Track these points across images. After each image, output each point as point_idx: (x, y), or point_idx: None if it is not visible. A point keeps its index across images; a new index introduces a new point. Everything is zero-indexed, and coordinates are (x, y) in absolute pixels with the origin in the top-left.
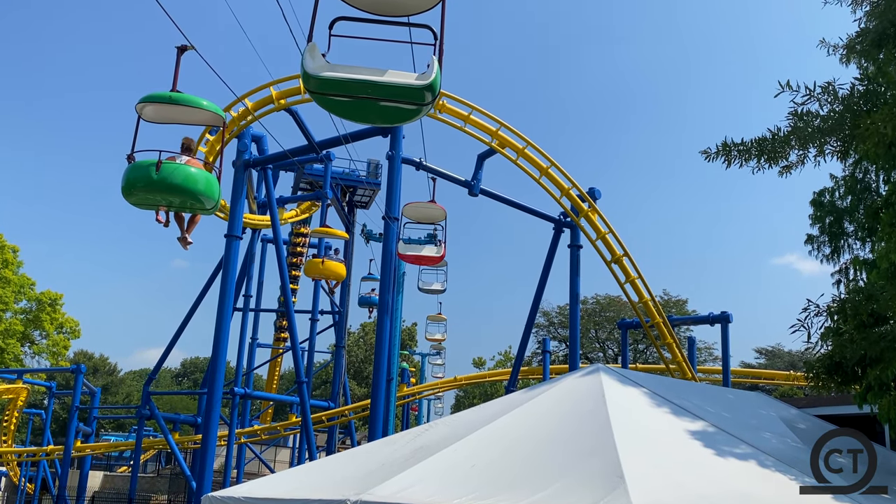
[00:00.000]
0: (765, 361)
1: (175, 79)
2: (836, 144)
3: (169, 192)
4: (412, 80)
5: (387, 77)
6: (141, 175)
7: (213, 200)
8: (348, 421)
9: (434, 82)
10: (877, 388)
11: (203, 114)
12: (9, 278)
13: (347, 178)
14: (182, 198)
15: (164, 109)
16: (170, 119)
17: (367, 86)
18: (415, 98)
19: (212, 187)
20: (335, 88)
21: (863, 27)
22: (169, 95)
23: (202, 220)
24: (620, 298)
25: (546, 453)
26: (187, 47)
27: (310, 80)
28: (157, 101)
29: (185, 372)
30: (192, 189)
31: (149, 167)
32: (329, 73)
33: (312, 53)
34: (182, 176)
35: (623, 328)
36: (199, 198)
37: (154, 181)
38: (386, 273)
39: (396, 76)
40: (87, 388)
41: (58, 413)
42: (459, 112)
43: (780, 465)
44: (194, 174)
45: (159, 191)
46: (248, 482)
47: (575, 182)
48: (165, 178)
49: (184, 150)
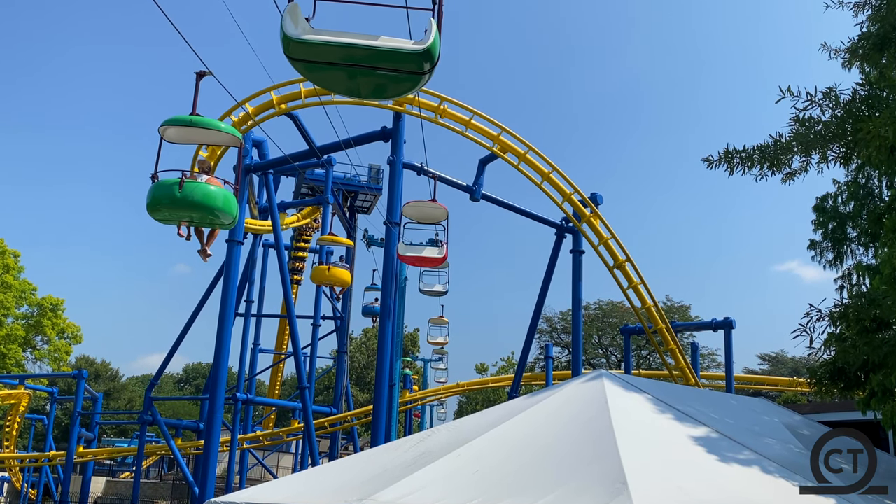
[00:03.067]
0: (768, 367)
1: (195, 102)
2: (838, 150)
3: (190, 209)
4: (408, 45)
5: (379, 42)
6: (165, 193)
7: (230, 216)
8: (351, 426)
9: (432, 47)
10: (880, 393)
11: (221, 135)
12: (10, 283)
13: (349, 182)
14: (202, 213)
15: (185, 132)
16: (190, 140)
17: (357, 51)
18: (411, 65)
19: (229, 203)
20: (320, 55)
21: (865, 31)
22: (190, 119)
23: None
24: (623, 304)
25: (549, 459)
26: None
27: (291, 46)
28: (179, 123)
29: (188, 377)
30: (211, 205)
31: (172, 186)
32: (313, 36)
33: (294, 15)
34: (202, 193)
35: (626, 334)
36: (217, 213)
37: (177, 199)
38: (388, 278)
39: (390, 41)
40: (89, 393)
41: (60, 418)
42: (461, 117)
43: (784, 471)
44: (213, 192)
45: (182, 207)
46: (251, 488)
47: (577, 187)
48: (187, 195)
49: (202, 170)
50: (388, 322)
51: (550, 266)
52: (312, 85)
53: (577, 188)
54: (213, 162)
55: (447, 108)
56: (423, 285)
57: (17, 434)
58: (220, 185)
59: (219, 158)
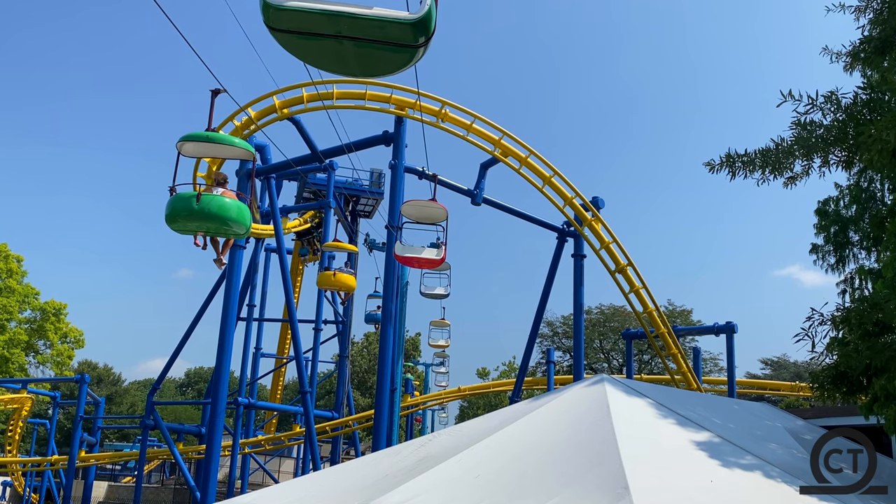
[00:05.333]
0: (770, 372)
1: (210, 119)
2: (840, 154)
3: (206, 220)
4: (402, 14)
5: (371, 10)
6: (183, 205)
7: (244, 227)
8: (352, 431)
9: (427, 17)
10: (883, 398)
11: (235, 150)
12: (13, 288)
13: (350, 187)
14: (217, 224)
15: (201, 147)
16: (206, 155)
17: (346, 19)
18: (404, 36)
19: (243, 215)
20: (305, 24)
21: (866, 35)
22: (206, 135)
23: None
24: (625, 308)
25: (550, 464)
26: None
27: (271, 13)
28: (196, 139)
29: (190, 382)
30: (226, 217)
31: (190, 198)
32: (297, 2)
33: None
34: (217, 205)
35: (627, 338)
36: (231, 224)
37: (195, 210)
38: (389, 281)
39: (382, 10)
40: (92, 397)
41: (62, 423)
42: (462, 121)
43: (786, 476)
44: (228, 204)
45: (199, 219)
46: (252, 492)
47: (578, 191)
48: (204, 207)
49: (218, 183)
50: (390, 326)
51: (552, 270)
52: (315, 90)
53: (578, 192)
54: (216, 167)
55: (448, 112)
56: (425, 288)
57: (19, 438)
58: (234, 198)
59: (220, 164)
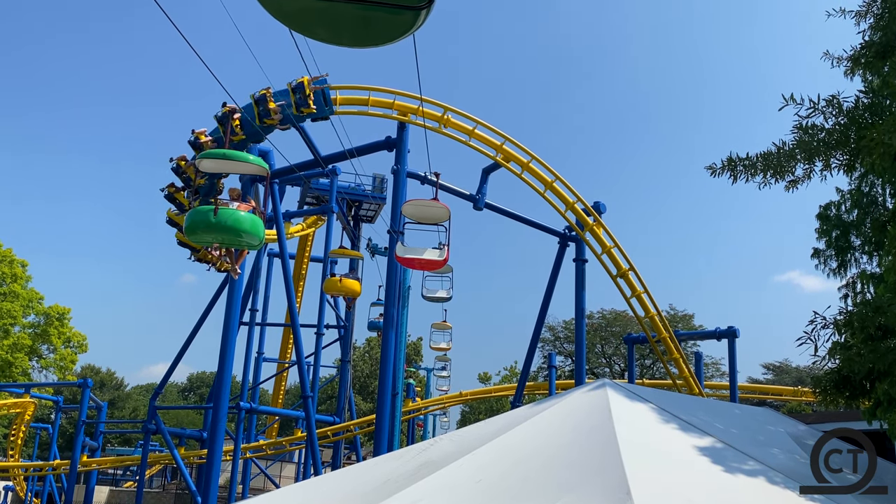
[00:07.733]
0: (772, 377)
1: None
2: (841, 158)
3: (223, 232)
4: None
5: None
6: (202, 219)
7: (257, 238)
8: (354, 436)
9: None
10: (886, 403)
11: (250, 166)
12: (17, 292)
13: (353, 192)
14: (232, 237)
15: (218, 163)
16: (222, 170)
17: None
18: None
19: (256, 227)
20: None
21: (867, 39)
22: (223, 152)
23: None
24: (626, 313)
25: (552, 469)
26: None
27: None
28: (214, 157)
29: (192, 386)
30: (241, 229)
31: (208, 212)
32: None
33: None
34: (233, 219)
35: (629, 343)
36: (244, 236)
37: (212, 223)
38: (391, 286)
39: None
40: (94, 402)
41: (64, 427)
42: (464, 126)
43: (789, 481)
44: (242, 217)
45: (216, 231)
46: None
47: (580, 196)
48: (221, 220)
49: (233, 199)
50: (392, 331)
51: (553, 275)
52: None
53: (580, 197)
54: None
55: (451, 117)
56: (427, 291)
57: (21, 443)
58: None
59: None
